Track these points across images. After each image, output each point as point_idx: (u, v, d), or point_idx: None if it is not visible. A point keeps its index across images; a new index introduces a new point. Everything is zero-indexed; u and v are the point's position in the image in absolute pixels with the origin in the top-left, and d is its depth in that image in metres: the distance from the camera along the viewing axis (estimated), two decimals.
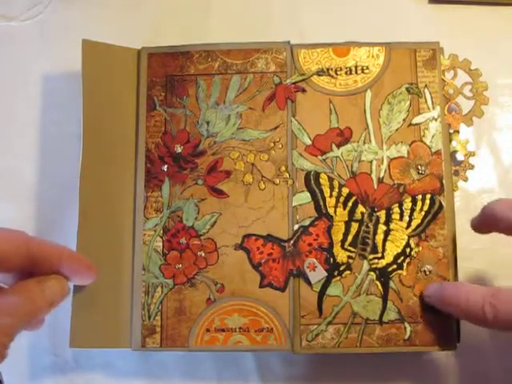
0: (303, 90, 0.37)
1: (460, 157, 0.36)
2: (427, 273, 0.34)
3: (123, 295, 0.35)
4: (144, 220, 0.36)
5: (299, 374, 0.37)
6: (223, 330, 0.35)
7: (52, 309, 0.30)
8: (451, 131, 0.36)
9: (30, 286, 0.29)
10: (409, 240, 0.35)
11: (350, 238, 0.35)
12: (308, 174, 0.36)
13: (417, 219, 0.35)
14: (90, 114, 0.36)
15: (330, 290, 0.34)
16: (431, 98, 0.36)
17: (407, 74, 0.36)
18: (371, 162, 0.36)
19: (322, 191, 0.36)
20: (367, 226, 0.35)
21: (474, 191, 0.38)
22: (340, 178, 0.36)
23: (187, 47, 0.38)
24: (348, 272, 0.35)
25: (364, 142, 0.36)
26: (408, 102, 0.36)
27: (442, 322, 0.34)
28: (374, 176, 0.36)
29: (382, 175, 0.36)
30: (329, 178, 0.36)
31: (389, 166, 0.36)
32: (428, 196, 0.35)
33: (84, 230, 0.35)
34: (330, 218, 0.35)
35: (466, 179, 0.36)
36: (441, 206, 0.35)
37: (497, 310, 0.28)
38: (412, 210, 0.35)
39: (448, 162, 0.35)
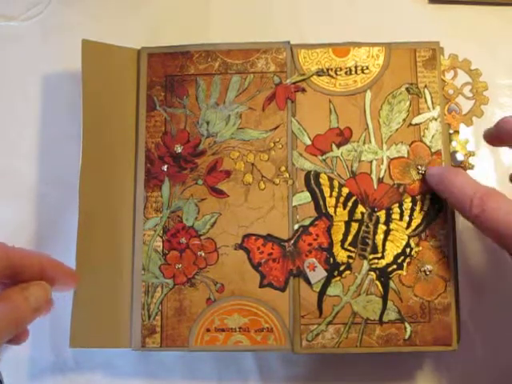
0: (303, 90, 0.37)
1: (460, 157, 0.36)
2: (427, 273, 0.34)
3: (123, 295, 0.35)
4: (144, 220, 0.36)
5: (299, 373, 0.37)
6: (223, 330, 0.35)
7: (37, 316, 0.29)
8: (451, 131, 0.36)
9: (12, 294, 0.28)
10: (409, 240, 0.35)
11: (350, 237, 0.35)
12: (308, 174, 0.36)
13: (417, 219, 0.35)
14: (89, 114, 0.36)
15: (330, 290, 0.34)
16: (431, 98, 0.36)
17: (407, 74, 0.36)
18: (371, 162, 0.36)
19: (321, 191, 0.36)
20: (367, 226, 0.35)
21: None
22: (340, 178, 0.36)
23: (187, 47, 0.38)
24: (348, 272, 0.35)
25: (364, 142, 0.36)
26: (408, 102, 0.36)
27: (442, 321, 0.34)
28: (373, 176, 0.36)
29: (382, 175, 0.36)
30: (329, 177, 0.36)
31: (389, 165, 0.36)
32: (428, 196, 0.35)
33: (84, 230, 0.35)
34: (329, 217, 0.35)
35: None
36: (441, 206, 0.35)
37: (484, 208, 0.29)
38: (412, 210, 0.35)
39: (448, 161, 0.35)
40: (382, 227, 0.35)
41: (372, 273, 0.35)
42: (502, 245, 0.29)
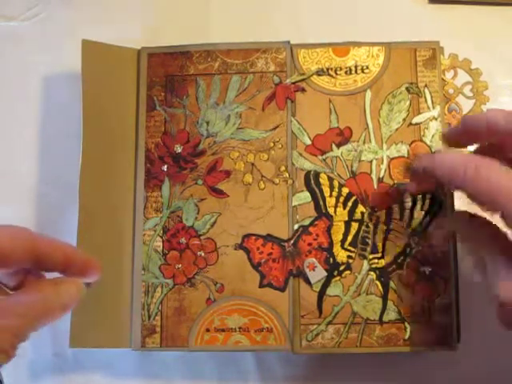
0: (303, 90, 0.37)
1: None
2: (427, 273, 0.34)
3: (123, 295, 0.35)
4: (144, 220, 0.36)
5: (299, 373, 0.37)
6: (223, 330, 0.35)
7: (64, 312, 0.30)
8: None
9: (44, 288, 0.28)
10: (409, 240, 0.35)
11: (349, 237, 0.35)
12: (308, 174, 0.36)
13: (417, 219, 0.35)
14: (89, 114, 0.36)
15: (330, 290, 0.34)
16: (431, 97, 0.36)
17: (407, 74, 0.36)
18: (371, 161, 0.36)
19: (321, 191, 0.36)
20: (367, 226, 0.35)
21: None
22: (340, 178, 0.36)
23: (187, 47, 0.38)
24: (348, 272, 0.35)
25: (364, 142, 0.36)
26: (408, 102, 0.36)
27: (441, 322, 0.34)
28: (374, 176, 0.35)
29: (382, 175, 0.35)
30: (329, 177, 0.36)
31: (389, 165, 0.36)
32: (428, 196, 0.35)
33: (84, 230, 0.35)
34: (329, 217, 0.35)
35: None
36: (441, 206, 0.35)
37: (478, 169, 0.27)
38: (412, 210, 0.35)
39: None
40: (382, 227, 0.35)
41: (372, 273, 0.34)
42: (494, 209, 0.27)
